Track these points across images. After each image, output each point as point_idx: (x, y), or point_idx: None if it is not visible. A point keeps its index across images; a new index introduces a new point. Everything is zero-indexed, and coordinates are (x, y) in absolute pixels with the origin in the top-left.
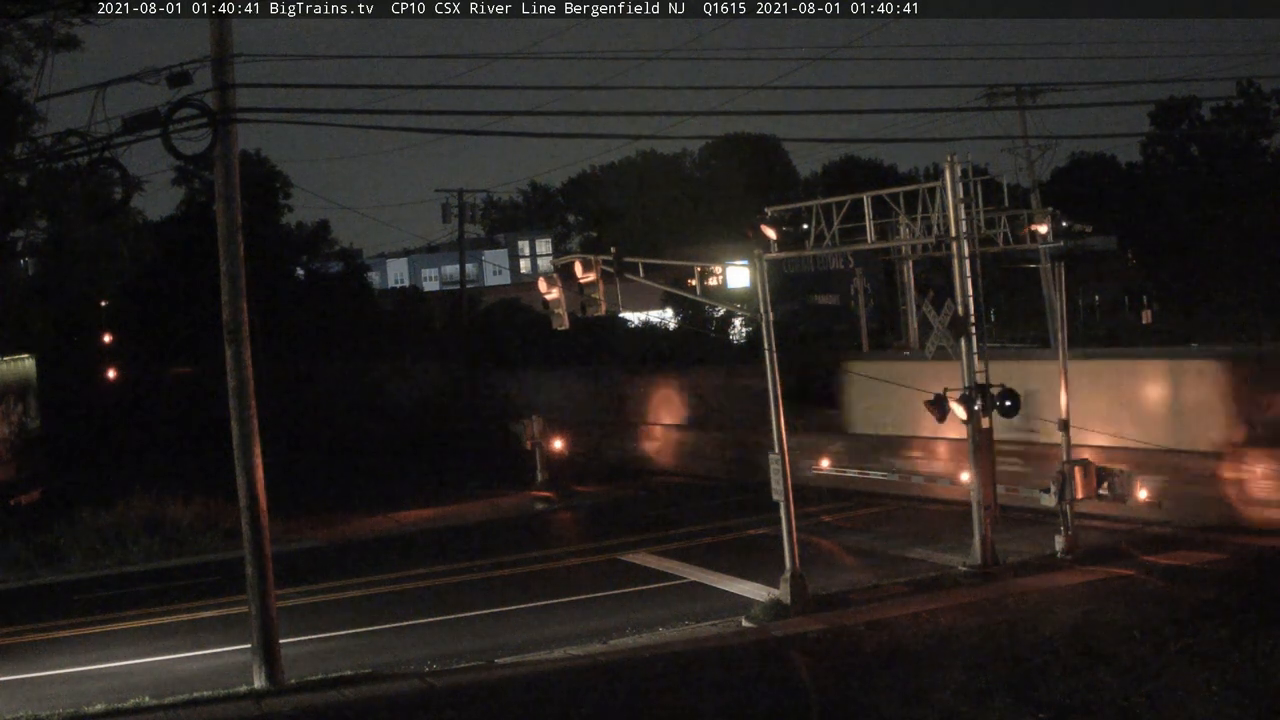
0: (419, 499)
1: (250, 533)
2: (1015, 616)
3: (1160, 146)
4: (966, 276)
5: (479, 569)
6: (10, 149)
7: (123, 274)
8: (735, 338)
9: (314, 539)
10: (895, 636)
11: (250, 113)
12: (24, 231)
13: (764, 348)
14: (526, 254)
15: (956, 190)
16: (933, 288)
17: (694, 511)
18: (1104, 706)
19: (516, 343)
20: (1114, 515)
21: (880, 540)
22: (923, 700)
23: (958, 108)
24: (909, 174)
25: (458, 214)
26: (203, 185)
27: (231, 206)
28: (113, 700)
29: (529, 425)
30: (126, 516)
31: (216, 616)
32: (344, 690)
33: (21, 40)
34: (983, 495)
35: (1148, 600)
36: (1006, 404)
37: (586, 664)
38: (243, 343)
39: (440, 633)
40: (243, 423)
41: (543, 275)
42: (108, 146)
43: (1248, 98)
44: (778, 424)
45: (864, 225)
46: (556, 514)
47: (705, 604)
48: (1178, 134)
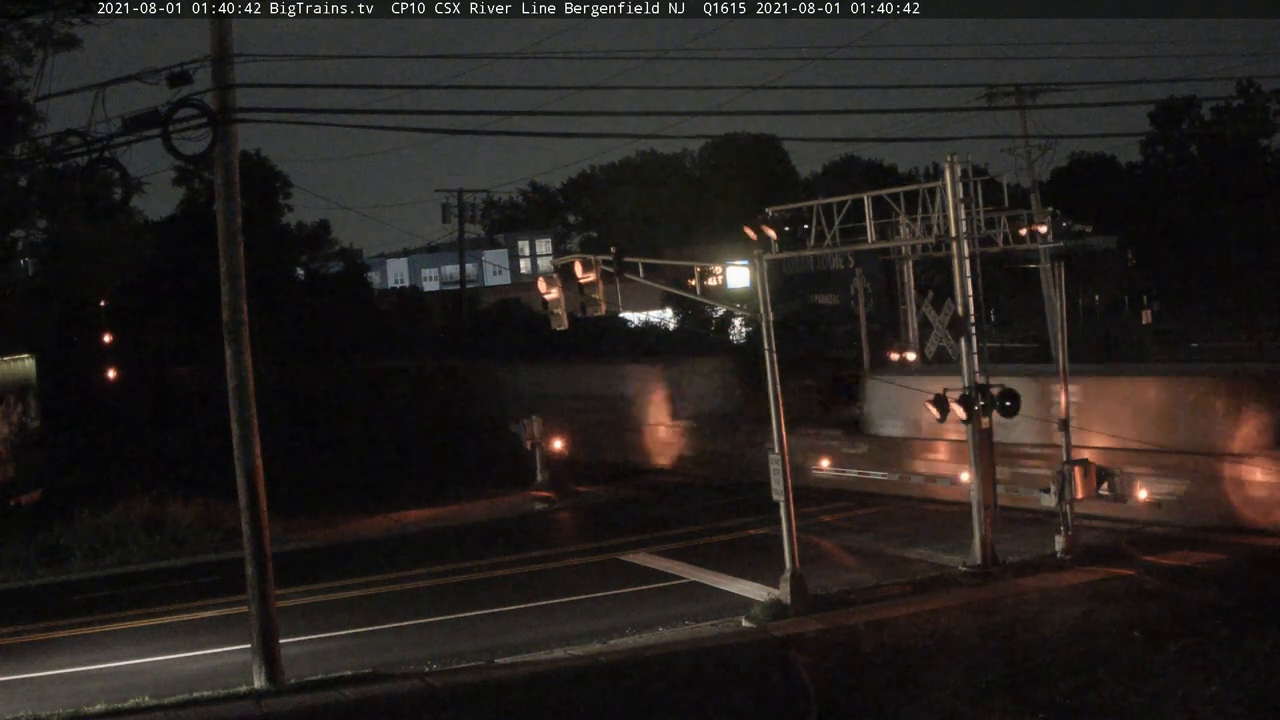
0: (419, 499)
1: (250, 533)
2: (1015, 616)
3: (1160, 146)
4: (966, 276)
5: (479, 569)
6: (10, 149)
7: (123, 274)
8: (735, 338)
9: (314, 539)
10: (895, 636)
11: (250, 113)
12: (24, 231)
13: (764, 348)
14: (526, 254)
15: (956, 190)
16: (933, 288)
17: (694, 511)
18: (1104, 706)
19: (517, 342)
20: (1114, 515)
21: (880, 540)
22: (923, 700)
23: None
24: (909, 174)
25: (458, 214)
26: (203, 185)
27: (231, 206)
28: (113, 700)
29: (529, 425)
30: (126, 516)
31: (216, 616)
32: (344, 690)
33: (21, 40)
34: (983, 495)
35: (1148, 600)
36: (1006, 404)
37: (586, 664)
38: (243, 343)
39: (440, 633)
40: (243, 423)
41: (542, 275)
42: (108, 146)
43: (1248, 98)
44: (778, 424)
45: (864, 225)
46: (556, 514)
47: (705, 604)
48: (1178, 134)
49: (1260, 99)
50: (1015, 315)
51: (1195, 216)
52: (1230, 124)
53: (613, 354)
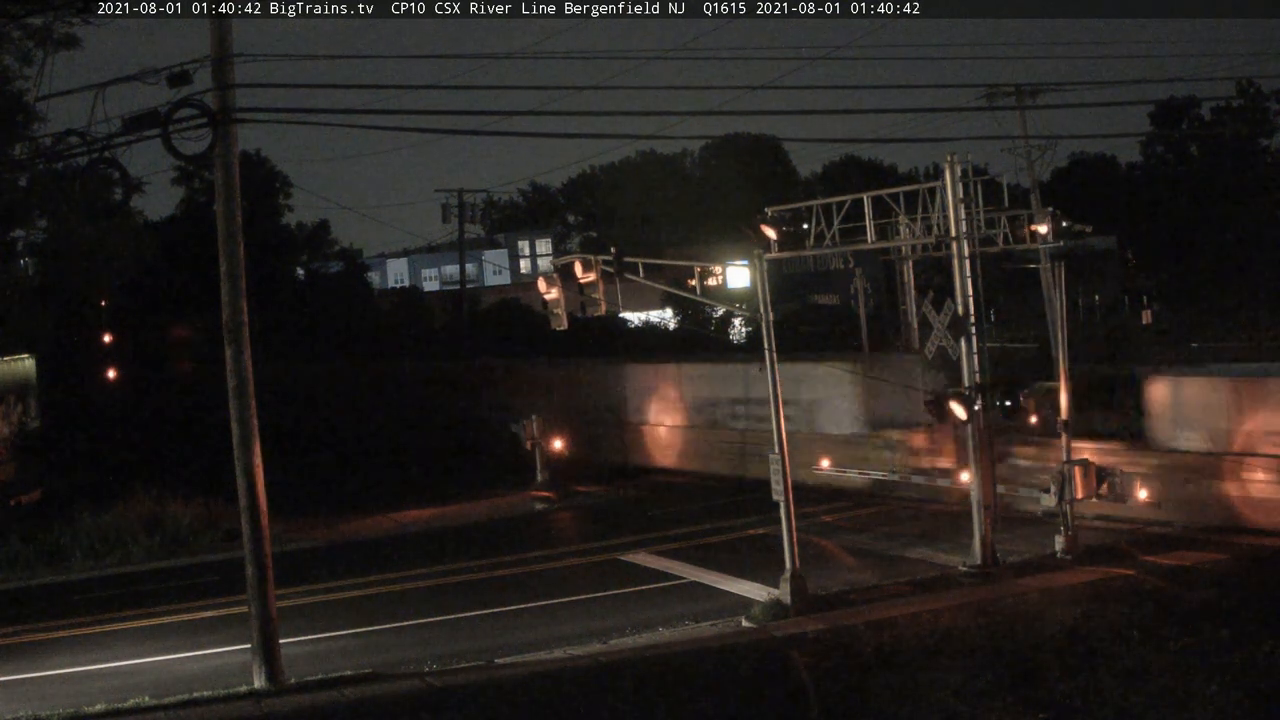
0: (419, 499)
1: (250, 533)
2: (1015, 616)
3: (1160, 146)
4: (966, 276)
5: (479, 569)
6: (10, 149)
7: (123, 274)
8: (735, 338)
9: (314, 539)
10: (895, 636)
11: (250, 113)
12: (24, 231)
13: (764, 347)
14: (526, 254)
15: (956, 190)
16: (933, 288)
17: (694, 511)
18: (1104, 706)
19: (517, 343)
20: (1114, 515)
21: (880, 540)
22: (923, 700)
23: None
24: (909, 174)
25: (458, 214)
26: (203, 185)
27: (231, 206)
28: (113, 700)
29: (529, 425)
30: (126, 516)
31: (216, 616)
32: (344, 690)
33: (21, 40)
34: (983, 495)
35: (1148, 600)
36: (1006, 404)
37: (587, 664)
38: (243, 343)
39: (440, 633)
40: (243, 423)
41: (542, 275)
42: (108, 146)
43: (1248, 98)
44: (778, 424)
45: (864, 225)
46: (556, 514)
47: (705, 604)
48: (1178, 134)
49: (1260, 99)
50: (1015, 315)
51: (1195, 216)
52: (1230, 124)
53: (613, 354)
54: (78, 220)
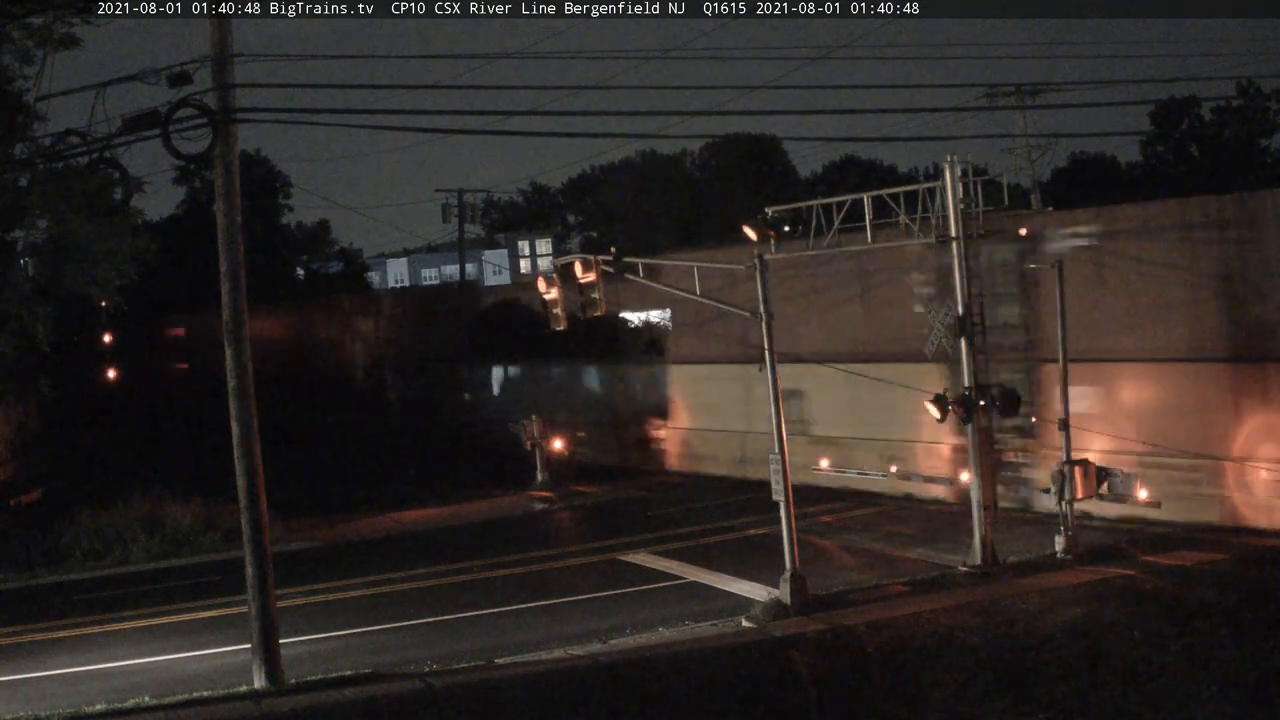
0: (419, 499)
1: (250, 533)
2: (1015, 616)
3: (1160, 146)
4: (966, 276)
5: (479, 569)
6: (10, 149)
7: (123, 274)
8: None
9: (314, 539)
10: (895, 636)
11: (250, 113)
12: (24, 231)
13: (764, 348)
14: (526, 254)
15: (956, 190)
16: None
17: (694, 511)
18: (1104, 706)
19: (517, 342)
20: (1114, 515)
21: (880, 540)
22: (923, 700)
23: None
24: (909, 174)
25: (458, 214)
26: (203, 185)
27: (231, 206)
28: (113, 700)
29: (529, 425)
30: (126, 516)
31: (216, 616)
32: (344, 690)
33: (21, 40)
34: (983, 495)
35: (1148, 600)
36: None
37: (586, 664)
38: (243, 343)
39: (440, 633)
40: (243, 423)
41: (542, 275)
42: (108, 146)
43: (1248, 98)
44: (778, 423)
45: (864, 225)
46: (556, 514)
47: (705, 604)
48: (1178, 134)
49: (1260, 99)
50: None
51: None
52: (1230, 124)
53: (612, 354)
54: (78, 220)
